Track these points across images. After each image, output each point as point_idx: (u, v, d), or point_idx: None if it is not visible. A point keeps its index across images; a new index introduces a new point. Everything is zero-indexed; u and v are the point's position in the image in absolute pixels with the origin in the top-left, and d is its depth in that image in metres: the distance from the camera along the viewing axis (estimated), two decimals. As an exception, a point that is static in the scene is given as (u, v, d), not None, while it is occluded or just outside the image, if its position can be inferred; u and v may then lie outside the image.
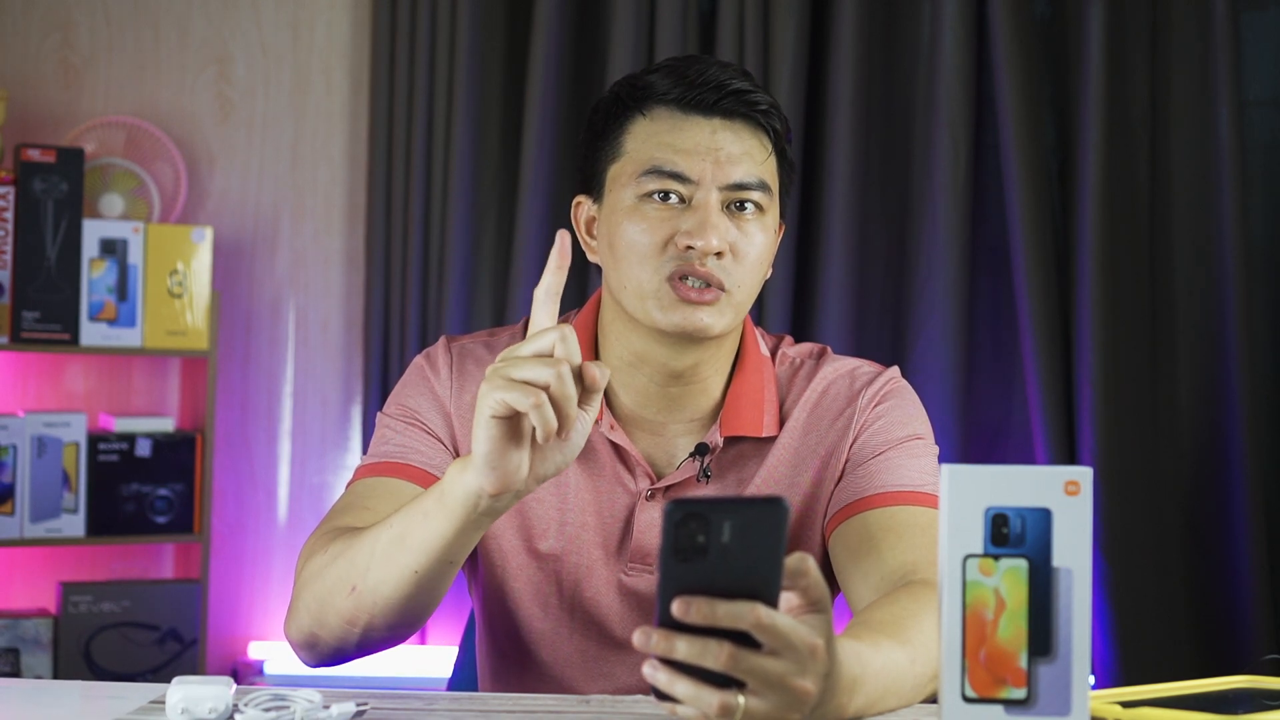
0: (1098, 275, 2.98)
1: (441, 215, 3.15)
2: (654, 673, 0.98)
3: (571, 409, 1.14)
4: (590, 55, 3.17)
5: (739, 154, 1.43)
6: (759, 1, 3.06)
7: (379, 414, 1.54)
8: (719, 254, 1.41)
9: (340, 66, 3.27)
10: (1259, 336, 3.06)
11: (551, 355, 1.14)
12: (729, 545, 0.96)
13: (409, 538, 1.25)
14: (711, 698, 0.97)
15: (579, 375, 1.16)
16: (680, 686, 0.98)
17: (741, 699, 0.98)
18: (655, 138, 1.44)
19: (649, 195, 1.43)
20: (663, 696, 0.99)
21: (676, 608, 0.96)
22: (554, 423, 1.13)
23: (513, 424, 1.15)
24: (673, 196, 1.42)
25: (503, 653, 1.56)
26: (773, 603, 0.98)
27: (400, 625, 1.32)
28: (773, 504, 0.97)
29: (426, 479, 1.45)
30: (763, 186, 1.44)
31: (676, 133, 1.44)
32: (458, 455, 1.49)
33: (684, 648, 0.97)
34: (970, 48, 3.05)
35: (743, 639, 0.97)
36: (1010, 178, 3.00)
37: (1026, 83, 3.01)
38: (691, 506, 0.96)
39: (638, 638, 0.98)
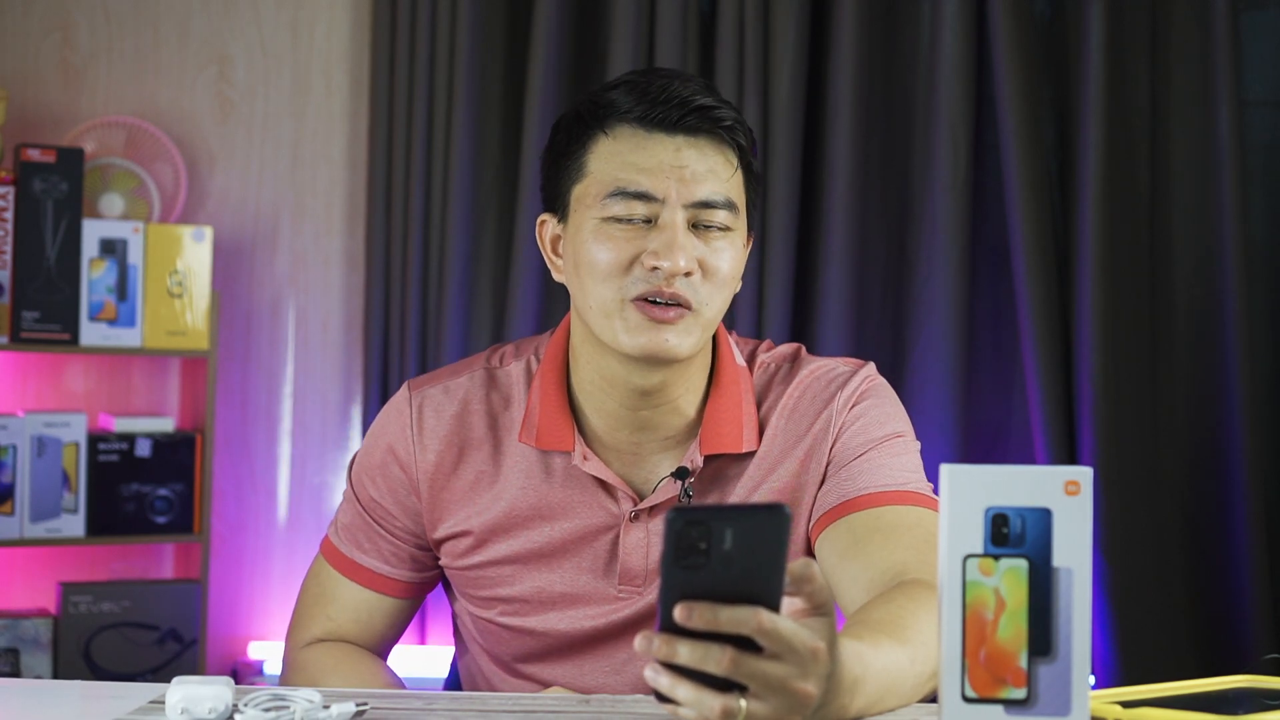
0: (1098, 275, 2.98)
1: (441, 215, 3.15)
2: (656, 676, 0.98)
3: None
4: (590, 56, 3.16)
5: (704, 171, 1.41)
6: (759, 1, 3.05)
7: (348, 470, 1.60)
8: (687, 273, 1.40)
9: (340, 66, 3.27)
10: (1259, 336, 3.06)
11: None
12: (731, 552, 0.96)
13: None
14: (713, 701, 0.97)
15: None
16: (682, 690, 0.98)
17: (743, 702, 0.98)
18: (619, 157, 1.42)
19: (614, 217, 1.41)
20: (664, 700, 0.99)
21: (678, 613, 0.96)
22: None
23: None
24: (638, 217, 1.41)
25: (495, 680, 1.57)
26: (775, 607, 0.98)
27: None
28: (775, 511, 0.96)
29: (376, 581, 1.56)
30: (729, 205, 1.42)
31: (640, 151, 1.41)
32: (420, 524, 1.54)
33: (686, 652, 0.97)
34: (970, 48, 3.05)
35: (744, 643, 0.97)
36: (1010, 178, 3.00)
37: (1026, 83, 3.00)
38: (693, 514, 0.96)
39: (639, 642, 0.98)
